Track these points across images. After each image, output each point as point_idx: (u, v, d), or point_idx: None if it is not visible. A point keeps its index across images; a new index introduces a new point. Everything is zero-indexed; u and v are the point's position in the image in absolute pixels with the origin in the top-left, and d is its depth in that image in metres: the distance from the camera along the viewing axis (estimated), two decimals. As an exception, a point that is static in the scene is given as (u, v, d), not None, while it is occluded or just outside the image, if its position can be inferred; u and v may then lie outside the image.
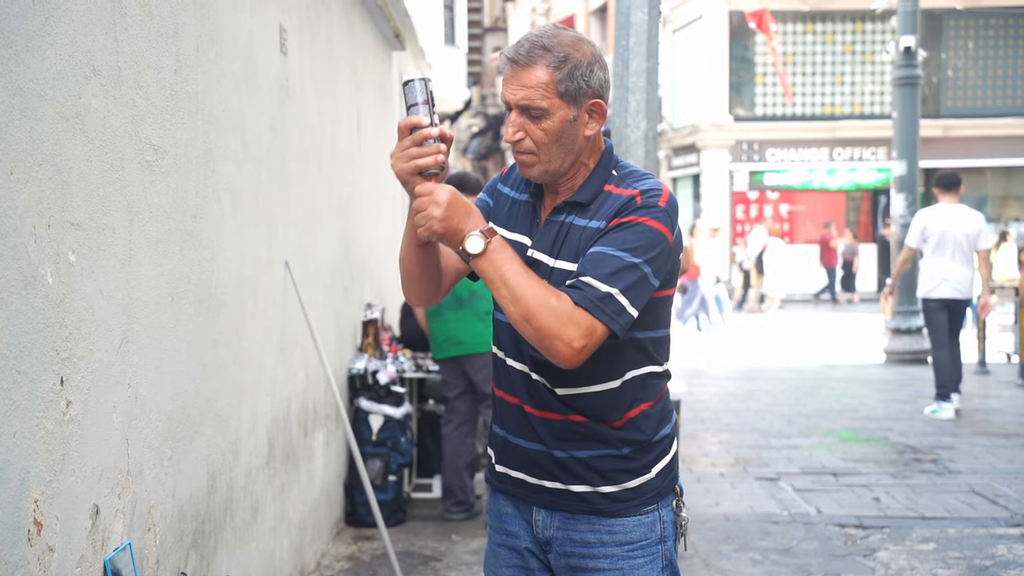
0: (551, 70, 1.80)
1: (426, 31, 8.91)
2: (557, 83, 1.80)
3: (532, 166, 1.87)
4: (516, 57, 1.82)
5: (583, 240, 1.85)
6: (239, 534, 3.18)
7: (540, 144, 1.84)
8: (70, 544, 1.98)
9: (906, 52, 11.01)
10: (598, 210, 1.86)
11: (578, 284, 1.78)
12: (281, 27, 3.78)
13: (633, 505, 1.93)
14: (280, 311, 3.75)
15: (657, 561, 1.94)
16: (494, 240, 1.77)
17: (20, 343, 1.80)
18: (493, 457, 2.06)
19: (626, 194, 1.85)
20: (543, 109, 1.81)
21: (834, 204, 21.47)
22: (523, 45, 1.82)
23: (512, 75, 1.83)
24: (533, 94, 1.80)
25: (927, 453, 6.63)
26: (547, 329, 1.74)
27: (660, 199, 1.84)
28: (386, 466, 4.99)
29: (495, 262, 1.76)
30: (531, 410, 1.94)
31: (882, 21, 19.78)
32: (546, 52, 1.80)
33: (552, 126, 1.82)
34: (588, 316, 1.75)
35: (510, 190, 2.02)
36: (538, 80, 1.80)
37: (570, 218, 1.89)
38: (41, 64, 1.88)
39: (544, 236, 1.91)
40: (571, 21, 28.31)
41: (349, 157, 5.22)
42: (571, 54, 1.81)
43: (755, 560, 4.49)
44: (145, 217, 2.38)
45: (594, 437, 1.91)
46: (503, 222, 1.99)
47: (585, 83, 1.82)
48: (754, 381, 10.04)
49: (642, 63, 3.79)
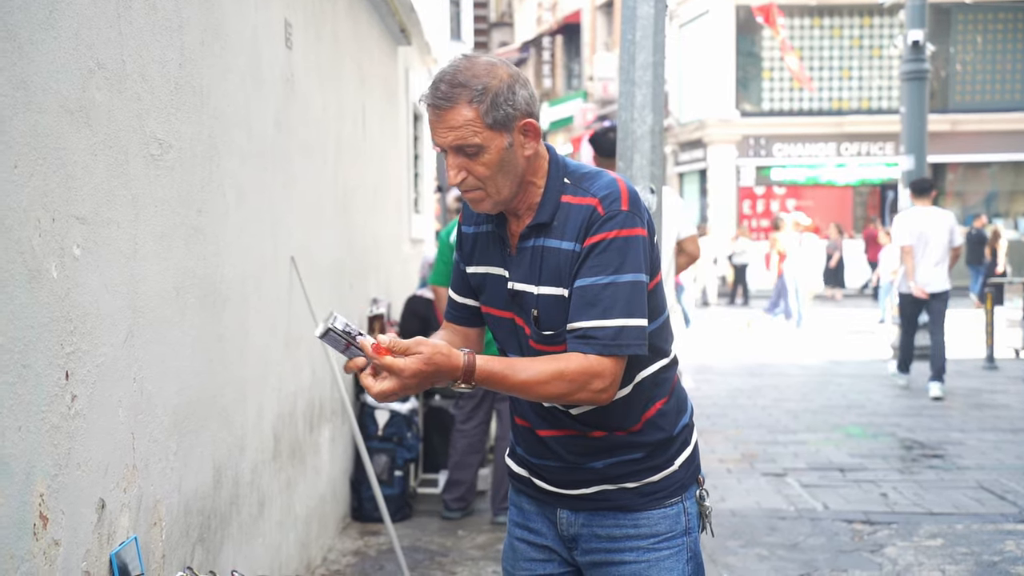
0: (474, 105, 1.76)
1: (432, 26, 8.89)
2: (483, 116, 1.76)
3: (482, 201, 1.84)
4: (436, 102, 1.78)
5: (562, 263, 1.83)
6: (245, 529, 3.18)
7: (484, 179, 1.80)
8: (76, 538, 1.98)
9: (914, 46, 10.96)
10: (564, 227, 1.83)
11: (586, 334, 1.77)
12: (286, 21, 3.77)
13: (658, 498, 1.93)
14: (286, 306, 3.74)
15: (682, 553, 1.94)
16: (477, 377, 1.74)
17: (25, 337, 1.80)
18: (514, 463, 2.07)
19: (585, 203, 1.82)
20: (477, 145, 1.77)
21: (841, 199, 21.43)
22: (439, 87, 1.78)
23: (437, 120, 1.79)
24: (464, 132, 1.76)
25: (935, 448, 6.61)
26: (575, 396, 1.78)
27: (620, 202, 1.81)
28: (392, 461, 4.99)
29: (493, 383, 1.76)
30: (544, 432, 1.94)
31: (890, 15, 19.71)
32: (464, 88, 1.76)
33: (491, 159, 1.79)
34: (607, 360, 1.77)
35: (472, 228, 2.00)
36: (464, 119, 1.76)
37: (540, 241, 1.86)
38: (45, 57, 1.88)
39: (519, 264, 1.88)
40: (577, 16, 28.27)
41: (354, 152, 5.21)
42: (489, 83, 1.77)
43: (762, 556, 4.48)
44: (150, 211, 2.37)
45: (614, 447, 1.91)
46: (474, 259, 1.98)
47: (511, 107, 1.78)
48: (761, 377, 10.02)
49: (648, 57, 3.77)
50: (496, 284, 1.93)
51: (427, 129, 1.85)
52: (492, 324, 1.98)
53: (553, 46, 30.41)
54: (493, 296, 1.95)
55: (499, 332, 1.97)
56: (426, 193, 9.16)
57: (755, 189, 21.64)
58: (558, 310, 1.83)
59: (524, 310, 1.88)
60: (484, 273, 1.96)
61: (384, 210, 6.30)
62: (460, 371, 1.73)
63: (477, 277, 1.98)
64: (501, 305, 1.93)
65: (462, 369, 1.73)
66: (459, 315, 2.05)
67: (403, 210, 7.29)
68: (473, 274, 1.99)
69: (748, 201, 21.64)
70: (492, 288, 1.95)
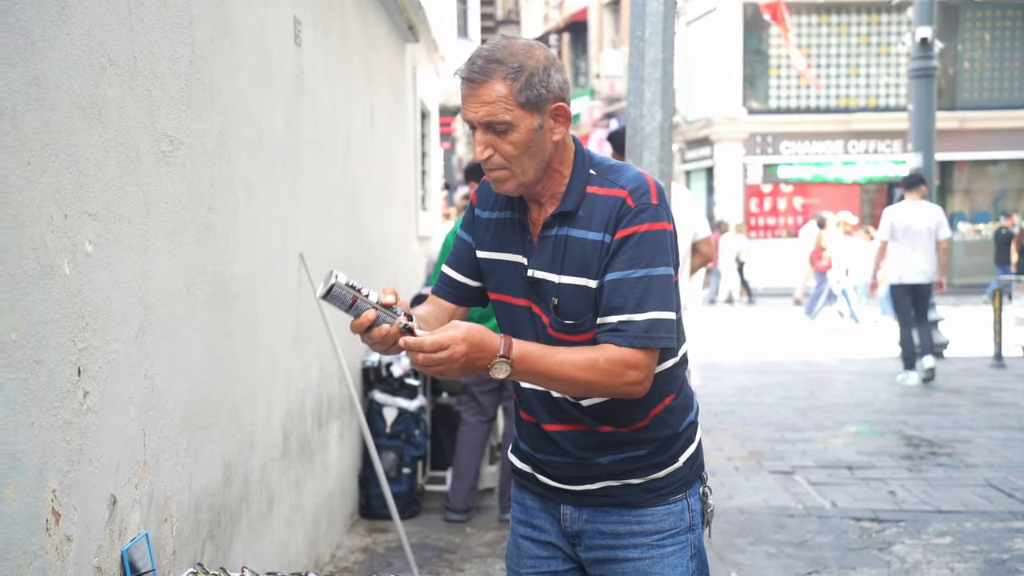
0: (508, 82, 1.76)
1: (439, 23, 8.89)
2: (517, 94, 1.76)
3: (506, 181, 1.84)
4: (470, 75, 1.78)
5: (588, 253, 1.82)
6: (254, 526, 3.18)
7: (511, 158, 1.80)
8: (88, 534, 1.98)
9: (922, 43, 10.93)
10: (590, 217, 1.83)
11: (619, 327, 1.77)
12: (295, 18, 3.77)
13: (662, 494, 1.93)
14: (294, 303, 3.75)
15: (686, 550, 1.94)
16: (515, 355, 1.74)
17: (38, 333, 1.80)
18: (518, 459, 2.06)
19: (613, 194, 1.82)
20: (507, 122, 1.77)
21: (849, 197, 21.37)
22: (475, 62, 1.78)
23: (470, 93, 1.79)
24: (495, 109, 1.76)
25: (943, 446, 6.59)
26: (609, 388, 1.78)
27: (650, 196, 1.82)
28: (400, 459, 4.99)
29: (529, 371, 1.76)
30: (550, 427, 1.94)
31: (898, 12, 19.65)
32: (500, 65, 1.76)
33: (519, 138, 1.78)
34: (640, 352, 1.77)
35: (487, 212, 1.98)
36: (497, 94, 1.76)
37: (563, 230, 1.85)
38: (58, 54, 1.88)
39: (541, 253, 1.87)
40: (584, 14, 28.23)
41: (362, 149, 5.22)
42: (525, 62, 1.77)
43: (770, 553, 4.48)
44: (161, 208, 2.38)
45: (621, 442, 1.91)
46: (490, 245, 1.96)
47: (544, 89, 1.79)
48: (768, 374, 10.01)
49: (658, 54, 3.76)
50: (512, 271, 1.92)
51: (434, 127, 1.86)
52: (503, 312, 1.96)
53: (560, 44, 30.38)
54: (507, 283, 1.93)
55: (512, 320, 1.94)
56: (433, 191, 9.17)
57: (762, 187, 21.60)
58: (580, 300, 1.83)
59: (543, 298, 1.87)
60: (499, 260, 1.94)
61: (392, 207, 6.31)
62: (501, 346, 1.72)
63: (490, 263, 1.96)
64: (516, 293, 1.91)
65: (502, 344, 1.73)
66: (450, 291, 2.03)
67: (410, 207, 7.29)
68: (485, 259, 1.97)
69: (755, 199, 21.60)
70: (506, 275, 1.93)
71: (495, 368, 1.73)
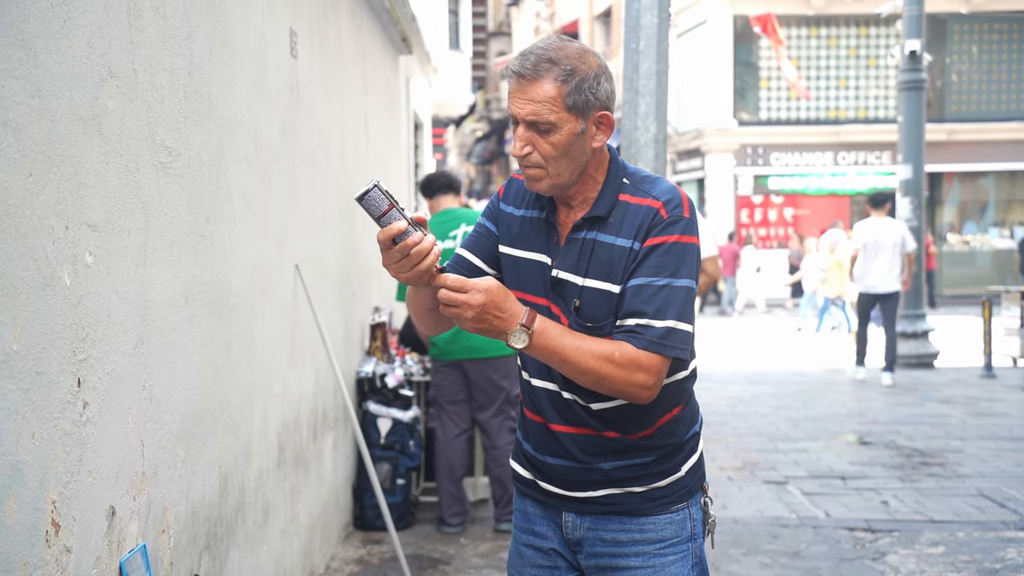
0: (558, 84, 1.78)
1: (431, 35, 8.92)
2: (565, 97, 1.78)
3: (540, 180, 1.85)
4: (523, 71, 1.79)
5: (615, 258, 1.84)
6: (250, 536, 3.18)
7: (548, 158, 1.82)
8: (87, 545, 1.98)
9: (911, 56, 11.02)
10: (621, 224, 1.85)
11: (636, 329, 1.79)
12: (292, 30, 3.79)
13: (664, 503, 1.94)
14: (290, 314, 3.75)
15: (687, 559, 1.95)
16: (536, 327, 1.76)
17: (39, 344, 1.80)
18: (520, 465, 2.07)
19: (645, 204, 1.84)
20: (551, 123, 1.79)
21: (839, 208, 21.45)
22: (529, 59, 1.79)
23: (519, 89, 1.80)
24: (541, 109, 1.78)
25: (935, 456, 6.62)
26: (619, 384, 1.79)
27: (683, 209, 1.84)
28: (395, 469, 4.98)
29: (546, 347, 1.77)
30: (557, 427, 1.94)
31: (887, 25, 19.77)
32: (553, 65, 1.78)
33: (560, 140, 1.80)
34: (654, 357, 1.79)
35: (514, 208, 1.99)
36: (546, 94, 1.78)
37: (592, 234, 1.87)
38: (59, 66, 1.89)
39: (567, 254, 1.89)
40: (575, 26, 28.33)
41: (357, 160, 5.23)
42: (578, 67, 1.79)
43: (764, 564, 4.49)
44: (160, 219, 2.38)
45: (625, 449, 1.92)
46: (513, 242, 1.97)
47: (592, 95, 1.80)
48: (760, 385, 10.03)
49: (652, 66, 3.79)
50: (534, 270, 1.92)
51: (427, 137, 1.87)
52: None
53: (551, 55, 30.41)
54: (527, 281, 1.93)
55: None
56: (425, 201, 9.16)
57: (753, 198, 21.67)
58: (602, 304, 1.84)
59: (565, 299, 1.88)
60: (522, 257, 1.94)
61: (385, 218, 6.30)
62: (523, 316, 1.75)
63: (511, 259, 1.96)
64: (537, 291, 1.92)
65: (525, 314, 1.76)
66: (463, 273, 1.99)
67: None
68: (507, 255, 1.97)
69: (746, 210, 21.67)
70: (527, 273, 1.93)
71: (514, 337, 1.75)
